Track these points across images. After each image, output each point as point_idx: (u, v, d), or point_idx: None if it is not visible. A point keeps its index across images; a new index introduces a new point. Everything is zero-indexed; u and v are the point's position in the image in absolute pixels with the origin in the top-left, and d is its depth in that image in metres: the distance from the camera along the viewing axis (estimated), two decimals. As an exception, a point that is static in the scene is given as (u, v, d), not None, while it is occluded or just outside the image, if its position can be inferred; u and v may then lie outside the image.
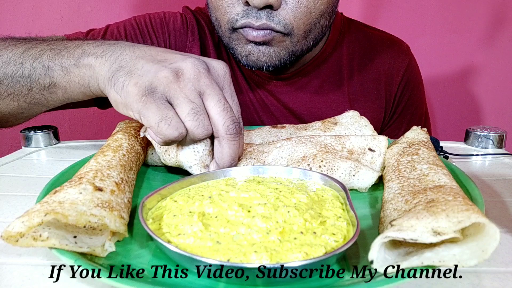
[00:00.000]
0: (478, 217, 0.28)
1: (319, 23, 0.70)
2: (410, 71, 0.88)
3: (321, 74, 0.84)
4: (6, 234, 0.30)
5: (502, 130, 0.67)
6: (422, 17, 1.36)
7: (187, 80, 0.44)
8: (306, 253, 0.30)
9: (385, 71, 0.87)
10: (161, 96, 0.43)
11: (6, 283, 0.31)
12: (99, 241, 0.33)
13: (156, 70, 0.45)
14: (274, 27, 0.66)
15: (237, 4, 0.66)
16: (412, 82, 0.89)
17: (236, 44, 0.71)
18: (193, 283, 0.30)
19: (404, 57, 0.88)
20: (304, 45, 0.72)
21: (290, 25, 0.66)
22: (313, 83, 0.84)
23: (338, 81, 0.85)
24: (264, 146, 0.53)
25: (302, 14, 0.66)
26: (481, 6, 1.29)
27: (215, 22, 0.73)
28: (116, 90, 0.45)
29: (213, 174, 0.45)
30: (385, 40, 0.89)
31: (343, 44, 0.86)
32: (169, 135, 0.42)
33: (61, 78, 0.53)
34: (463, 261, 0.28)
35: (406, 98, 0.89)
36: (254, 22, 0.65)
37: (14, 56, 0.55)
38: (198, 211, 0.36)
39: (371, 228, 0.39)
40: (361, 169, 0.46)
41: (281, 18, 0.65)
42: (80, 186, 0.36)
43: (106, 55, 0.49)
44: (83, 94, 0.53)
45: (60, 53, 0.53)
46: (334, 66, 0.85)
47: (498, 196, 0.48)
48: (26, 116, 0.61)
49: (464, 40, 1.33)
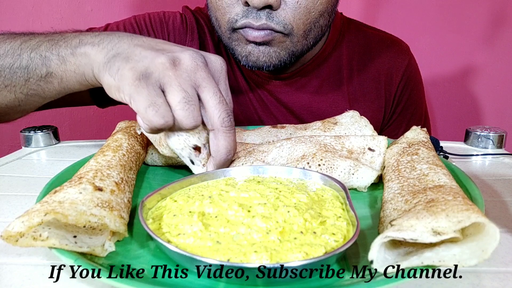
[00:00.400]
0: (478, 217, 0.28)
1: (318, 22, 0.70)
2: (409, 71, 0.88)
3: (320, 74, 0.84)
4: (6, 233, 0.30)
5: (502, 130, 0.67)
6: (422, 17, 1.36)
7: (184, 70, 0.44)
8: (306, 253, 0.30)
9: (385, 71, 0.87)
10: (155, 82, 0.43)
11: (6, 283, 0.31)
12: (99, 241, 0.33)
13: (153, 56, 0.45)
14: (274, 27, 0.66)
15: (237, 4, 0.66)
16: (411, 82, 0.89)
17: (236, 45, 0.71)
18: (193, 283, 0.30)
19: (403, 57, 0.88)
20: (304, 45, 0.72)
21: (290, 25, 0.66)
22: (312, 82, 0.84)
23: (337, 81, 0.85)
24: (264, 145, 0.53)
25: (301, 14, 0.66)
26: (481, 6, 1.29)
27: (215, 23, 0.73)
28: (110, 74, 0.45)
29: (213, 174, 0.45)
30: (384, 40, 0.89)
31: (343, 44, 0.86)
32: (154, 122, 0.42)
33: (57, 67, 0.53)
34: (463, 261, 0.28)
35: (406, 98, 0.89)
36: (254, 22, 0.65)
37: (12, 48, 0.55)
38: (198, 211, 0.36)
39: (371, 228, 0.39)
40: (361, 168, 0.46)
41: (281, 19, 0.65)
42: (80, 186, 0.36)
43: (103, 43, 0.49)
44: (79, 84, 0.53)
45: (58, 43, 0.53)
46: (334, 66, 0.85)
47: (498, 196, 0.48)
48: (23, 110, 0.61)
49: (464, 40, 1.33)
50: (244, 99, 0.84)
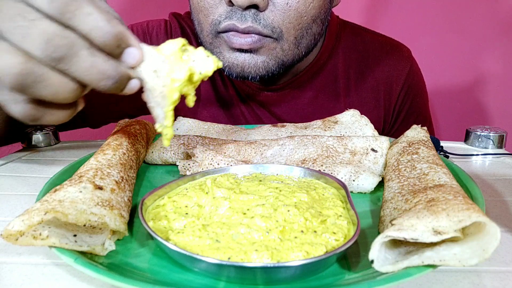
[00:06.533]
0: (479, 216, 0.28)
1: (311, 29, 0.66)
2: (411, 78, 0.84)
3: (315, 84, 0.80)
4: (6, 232, 0.30)
5: (502, 130, 0.67)
6: (422, 17, 1.36)
7: None
8: (307, 252, 0.30)
9: (384, 80, 0.82)
10: None
11: (6, 282, 0.31)
12: (99, 240, 0.33)
13: None
14: (261, 31, 0.61)
15: (220, 4, 0.61)
16: (413, 90, 0.85)
17: (218, 52, 0.66)
18: (193, 282, 0.30)
19: (404, 64, 0.84)
20: (295, 55, 0.67)
21: (278, 28, 0.62)
22: (306, 94, 0.80)
23: (333, 91, 0.80)
24: (266, 140, 0.53)
25: (292, 17, 0.62)
26: (482, 7, 1.29)
27: (197, 27, 0.69)
28: None
29: (213, 171, 0.45)
30: (384, 45, 0.84)
31: (339, 51, 0.81)
32: None
33: None
34: (464, 260, 0.28)
35: (407, 107, 0.85)
36: (238, 24, 0.60)
37: None
38: (197, 210, 0.36)
39: (372, 227, 0.39)
40: (361, 175, 0.46)
41: (269, 21, 0.61)
42: (80, 185, 0.35)
43: None
44: None
45: None
46: (330, 76, 0.80)
47: (499, 196, 0.48)
48: None
49: (465, 41, 1.33)
50: (236, 111, 0.81)
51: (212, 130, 0.63)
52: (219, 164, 0.48)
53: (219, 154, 0.50)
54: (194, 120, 0.66)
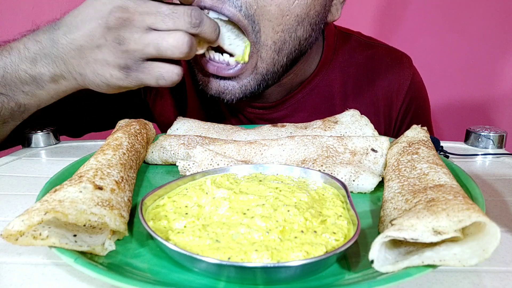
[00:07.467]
0: (479, 216, 0.28)
1: (295, 33, 0.59)
2: (413, 89, 0.80)
3: (309, 104, 0.75)
4: (6, 232, 0.30)
5: (502, 130, 0.67)
6: (422, 17, 1.36)
7: None
8: (307, 252, 0.30)
9: (384, 94, 0.78)
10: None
11: (6, 282, 0.31)
12: (99, 240, 0.33)
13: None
14: (230, 13, 0.54)
15: None
16: (415, 101, 0.81)
17: (194, 66, 0.62)
18: (193, 282, 0.30)
19: (405, 76, 0.79)
20: (275, 62, 0.60)
21: (255, 17, 0.54)
22: (299, 115, 0.75)
23: (328, 109, 0.76)
24: (266, 140, 0.53)
25: (272, 14, 0.55)
26: (482, 7, 1.29)
27: None
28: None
29: (213, 171, 0.45)
30: (384, 58, 0.80)
31: (336, 66, 0.76)
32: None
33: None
34: (464, 260, 0.28)
35: (409, 119, 0.81)
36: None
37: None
38: (197, 210, 0.36)
39: (372, 227, 0.39)
40: (361, 175, 0.46)
41: (241, 2, 0.53)
42: (80, 185, 0.35)
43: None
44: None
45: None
46: (325, 93, 0.75)
47: (499, 196, 0.48)
48: None
49: (464, 40, 1.33)
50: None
51: (212, 130, 0.63)
52: (219, 164, 0.48)
53: (219, 154, 0.50)
54: (194, 120, 0.66)
